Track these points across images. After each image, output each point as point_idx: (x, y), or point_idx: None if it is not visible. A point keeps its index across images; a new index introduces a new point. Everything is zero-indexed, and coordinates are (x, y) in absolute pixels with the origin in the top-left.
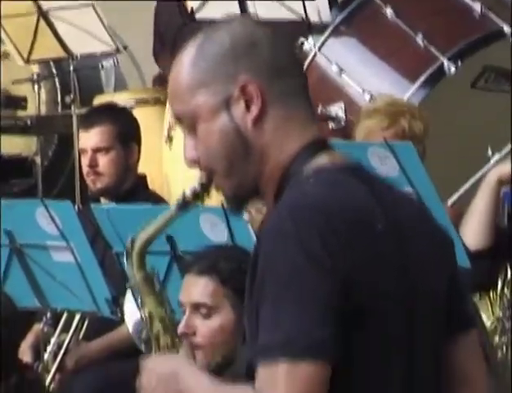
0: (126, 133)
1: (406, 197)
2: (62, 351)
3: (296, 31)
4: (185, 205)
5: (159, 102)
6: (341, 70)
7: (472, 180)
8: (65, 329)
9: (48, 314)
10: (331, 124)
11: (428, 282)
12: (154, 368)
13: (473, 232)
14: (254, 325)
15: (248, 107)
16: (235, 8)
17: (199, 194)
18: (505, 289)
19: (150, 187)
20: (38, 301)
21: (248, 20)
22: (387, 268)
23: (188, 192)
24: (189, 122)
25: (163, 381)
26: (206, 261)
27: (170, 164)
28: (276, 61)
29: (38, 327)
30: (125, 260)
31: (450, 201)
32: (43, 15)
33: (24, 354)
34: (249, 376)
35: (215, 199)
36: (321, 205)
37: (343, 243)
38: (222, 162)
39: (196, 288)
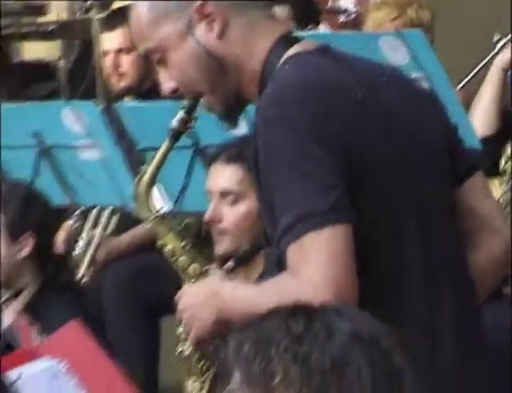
0: None
1: (385, 68)
2: (92, 246)
3: None
4: (176, 135)
5: None
6: None
7: (479, 66)
8: (95, 225)
9: (77, 211)
10: (342, 17)
11: (422, 142)
12: (192, 293)
13: (481, 116)
14: (272, 214)
15: (209, 25)
16: None
17: (187, 120)
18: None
19: None
20: (68, 199)
21: None
22: (375, 129)
23: (175, 123)
24: (159, 56)
25: (205, 302)
26: (233, 150)
27: None
28: None
29: (68, 223)
30: (134, 204)
31: (458, 87)
32: None
33: (57, 249)
34: (280, 265)
35: None
36: (301, 84)
37: (331, 112)
38: (203, 83)
39: (224, 176)
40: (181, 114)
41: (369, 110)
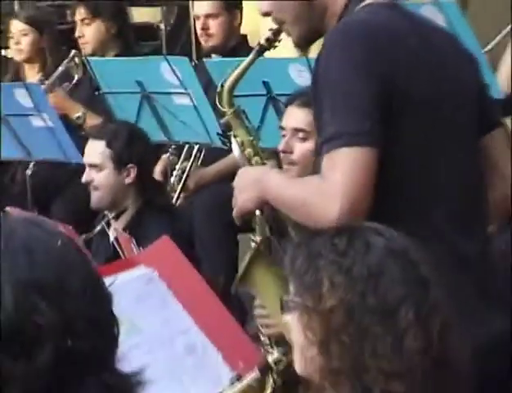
0: (231, 1)
1: (439, 27)
2: (185, 175)
3: None
4: (262, 50)
5: None
6: None
7: (505, 31)
8: (187, 158)
9: (172, 146)
10: None
11: (460, 88)
12: (246, 172)
13: (506, 75)
14: (320, 125)
15: None
16: None
17: (272, 40)
18: None
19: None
20: (165, 136)
21: None
22: (420, 71)
23: (263, 40)
24: None
25: (251, 181)
26: (305, 96)
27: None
28: None
29: (165, 156)
30: (217, 101)
31: (485, 49)
32: None
33: (156, 178)
34: None
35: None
36: (364, 25)
37: (383, 52)
38: (291, 14)
39: (297, 117)
40: (268, 34)
41: (418, 57)
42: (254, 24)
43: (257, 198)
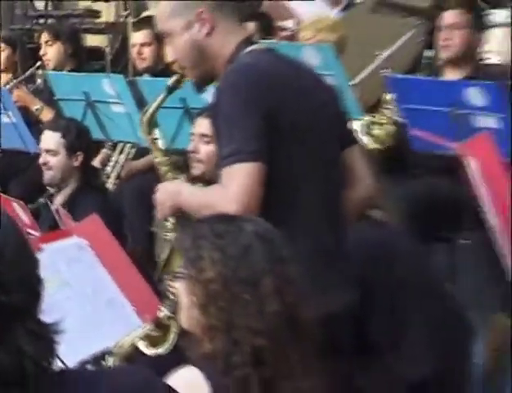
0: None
1: (307, 67)
2: (118, 166)
3: None
4: (171, 89)
5: None
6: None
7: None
8: (120, 153)
9: (109, 143)
10: (284, 33)
11: (325, 116)
12: (164, 187)
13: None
14: (219, 145)
15: (202, 26)
16: None
17: (179, 81)
18: None
19: None
20: (103, 135)
21: None
22: (294, 104)
23: (170, 83)
24: (167, 37)
25: (170, 195)
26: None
27: None
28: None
29: (103, 150)
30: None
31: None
32: None
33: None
34: None
35: None
36: (248, 68)
37: (265, 90)
38: (188, 62)
39: (203, 125)
40: (174, 77)
41: (292, 91)
42: None
43: (173, 206)
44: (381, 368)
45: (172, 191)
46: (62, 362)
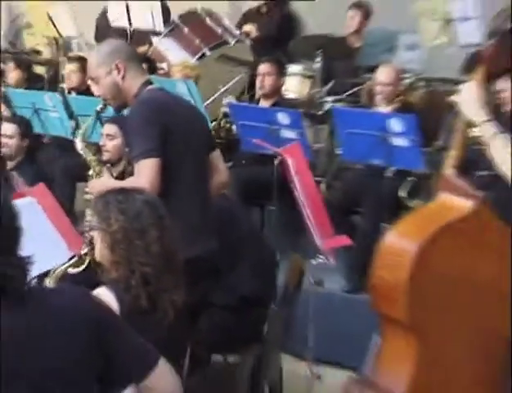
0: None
1: (183, 99)
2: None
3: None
4: (99, 113)
5: None
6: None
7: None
8: None
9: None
10: (162, 71)
11: (198, 131)
12: (94, 182)
13: None
14: (130, 149)
15: (119, 72)
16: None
17: (103, 108)
18: None
19: None
20: (43, 130)
21: (117, 41)
22: (179, 125)
23: (98, 108)
24: (95, 80)
25: (98, 186)
26: (118, 119)
27: None
28: (129, 54)
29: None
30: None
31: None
32: None
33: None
34: None
35: None
36: (150, 99)
37: (161, 112)
38: (109, 96)
39: (110, 129)
40: (101, 104)
41: (177, 115)
42: None
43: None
44: (224, 286)
45: (100, 185)
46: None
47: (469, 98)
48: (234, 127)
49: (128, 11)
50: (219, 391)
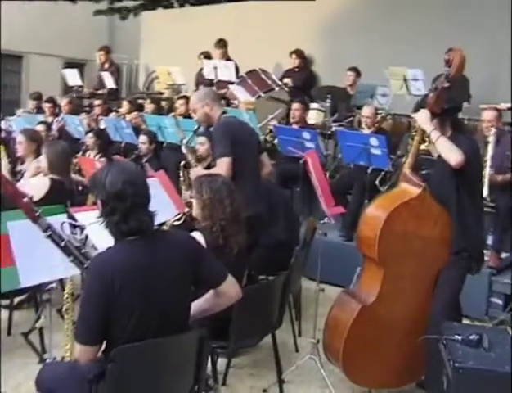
0: None
1: (245, 122)
2: None
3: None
4: (195, 131)
5: None
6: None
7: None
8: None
9: None
10: (234, 105)
11: (253, 141)
12: (194, 170)
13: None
14: (214, 150)
15: (209, 106)
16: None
17: (198, 128)
18: None
19: None
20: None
21: (207, 88)
22: (244, 136)
23: (195, 127)
24: (194, 111)
25: (196, 173)
26: (207, 133)
27: None
28: (214, 96)
29: None
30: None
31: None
32: None
33: None
34: None
35: None
36: (225, 122)
37: (231, 130)
38: (202, 120)
39: (200, 139)
40: (196, 125)
41: (240, 132)
42: None
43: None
44: (267, 234)
45: (196, 173)
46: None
47: (423, 118)
48: (276, 139)
49: (215, 69)
50: (262, 299)
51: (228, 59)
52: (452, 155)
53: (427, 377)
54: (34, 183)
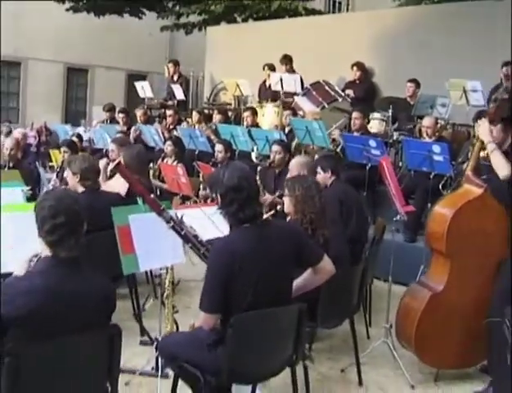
0: None
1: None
2: None
3: None
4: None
5: None
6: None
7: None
8: None
9: None
10: (300, 115)
11: None
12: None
13: None
14: None
15: None
16: None
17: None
18: None
19: None
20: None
21: None
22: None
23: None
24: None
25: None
26: (283, 142)
27: None
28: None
29: None
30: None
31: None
32: None
33: None
34: None
35: None
36: None
37: None
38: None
39: (277, 149)
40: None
41: None
42: None
43: None
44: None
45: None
46: None
47: (483, 128)
48: (339, 148)
49: (281, 81)
50: (345, 284)
51: (293, 72)
52: (500, 169)
53: (489, 361)
54: (113, 184)
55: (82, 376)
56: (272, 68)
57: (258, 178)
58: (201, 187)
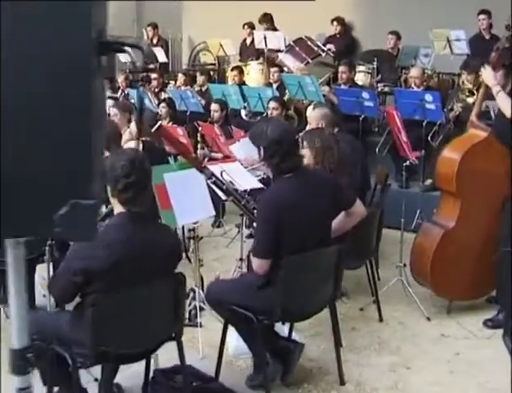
0: None
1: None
2: None
3: None
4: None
5: None
6: None
7: None
8: None
9: None
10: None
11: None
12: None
13: None
14: None
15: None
16: None
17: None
18: None
19: None
20: None
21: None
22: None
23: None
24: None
25: None
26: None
27: None
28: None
29: None
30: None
31: None
32: None
33: None
34: None
35: None
36: None
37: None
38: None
39: (275, 105)
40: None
41: None
42: None
43: None
44: None
45: None
46: None
47: (487, 75)
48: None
49: (265, 38)
50: (366, 227)
51: (275, 30)
52: (506, 109)
53: (498, 291)
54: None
55: (154, 320)
56: (252, 26)
57: None
58: (199, 146)
